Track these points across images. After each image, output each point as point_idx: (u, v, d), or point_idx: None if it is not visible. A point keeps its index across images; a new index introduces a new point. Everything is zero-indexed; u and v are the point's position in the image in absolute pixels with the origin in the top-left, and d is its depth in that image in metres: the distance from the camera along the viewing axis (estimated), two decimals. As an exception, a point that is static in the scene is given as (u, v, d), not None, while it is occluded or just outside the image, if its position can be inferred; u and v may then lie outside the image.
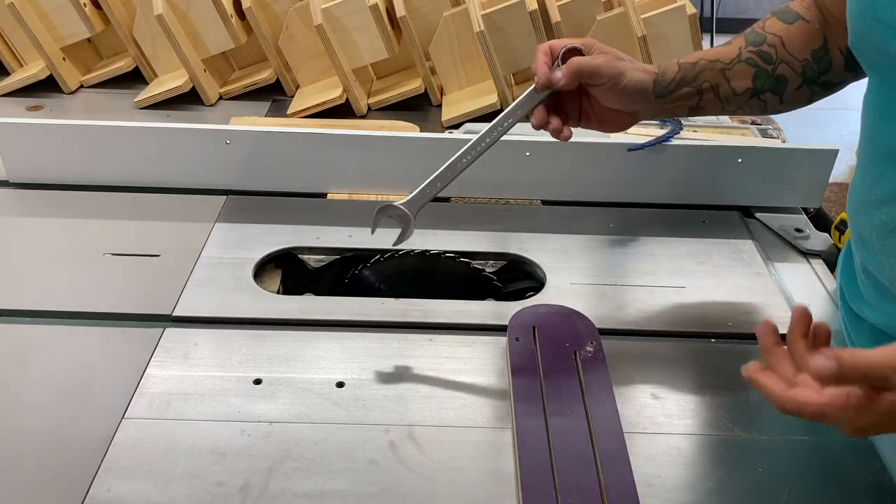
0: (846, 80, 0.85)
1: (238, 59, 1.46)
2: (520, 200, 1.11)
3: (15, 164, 1.09)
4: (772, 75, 0.84)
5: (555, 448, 0.69)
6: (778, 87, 0.85)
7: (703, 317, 0.89)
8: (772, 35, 0.84)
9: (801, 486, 0.68)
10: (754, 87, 0.85)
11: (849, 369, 0.51)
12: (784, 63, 0.84)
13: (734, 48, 0.85)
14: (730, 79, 0.85)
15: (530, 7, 1.25)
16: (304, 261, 0.99)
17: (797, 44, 0.83)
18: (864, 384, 0.51)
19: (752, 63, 0.84)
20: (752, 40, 0.85)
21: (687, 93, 0.85)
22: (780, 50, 0.84)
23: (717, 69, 0.85)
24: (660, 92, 0.84)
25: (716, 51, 0.86)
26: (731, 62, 0.85)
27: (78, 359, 0.80)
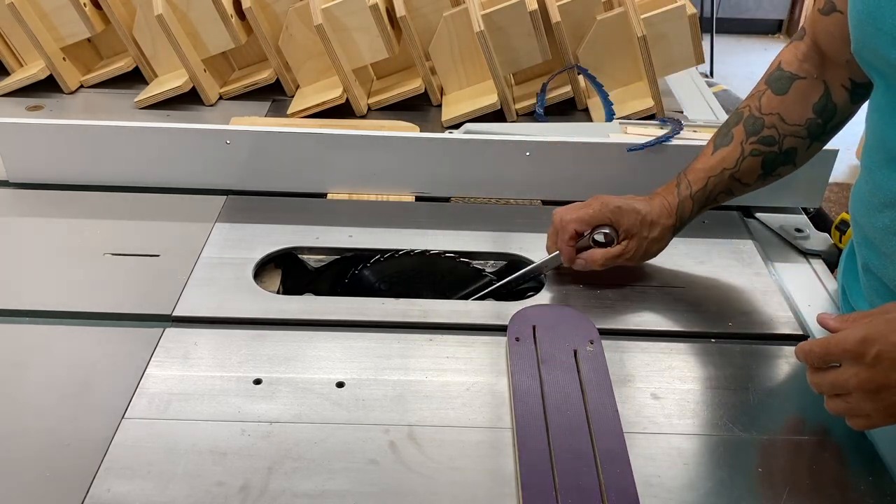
0: (853, 111, 0.86)
1: (238, 59, 1.46)
2: (520, 200, 1.11)
3: (15, 164, 1.09)
4: (780, 153, 0.86)
5: (555, 448, 0.69)
6: (788, 159, 0.87)
7: (703, 317, 0.89)
8: (769, 115, 0.85)
9: (801, 486, 0.68)
10: (764, 171, 0.87)
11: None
12: (789, 136, 0.85)
13: (736, 146, 0.86)
14: (740, 178, 0.88)
15: (530, 7, 1.25)
16: (304, 261, 0.99)
17: (797, 111, 0.84)
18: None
19: (758, 153, 0.86)
20: (751, 129, 0.86)
21: (703, 209, 0.91)
22: (780, 127, 0.85)
23: (726, 177, 0.88)
24: (681, 228, 0.91)
25: (719, 156, 0.87)
26: (737, 163, 0.87)
27: (78, 359, 0.80)
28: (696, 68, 1.44)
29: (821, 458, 0.71)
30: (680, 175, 0.91)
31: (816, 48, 0.83)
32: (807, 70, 0.84)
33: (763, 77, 0.88)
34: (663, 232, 0.89)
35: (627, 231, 0.88)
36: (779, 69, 0.86)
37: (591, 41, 1.30)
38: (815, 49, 0.83)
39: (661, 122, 1.20)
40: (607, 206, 0.88)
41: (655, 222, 0.88)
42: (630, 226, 0.88)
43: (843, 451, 0.72)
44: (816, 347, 0.65)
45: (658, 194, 0.91)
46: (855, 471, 0.70)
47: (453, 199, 1.11)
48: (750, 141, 0.86)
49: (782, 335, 0.87)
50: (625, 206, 0.88)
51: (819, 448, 0.72)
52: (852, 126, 0.87)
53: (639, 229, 0.88)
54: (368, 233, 1.02)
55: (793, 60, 0.85)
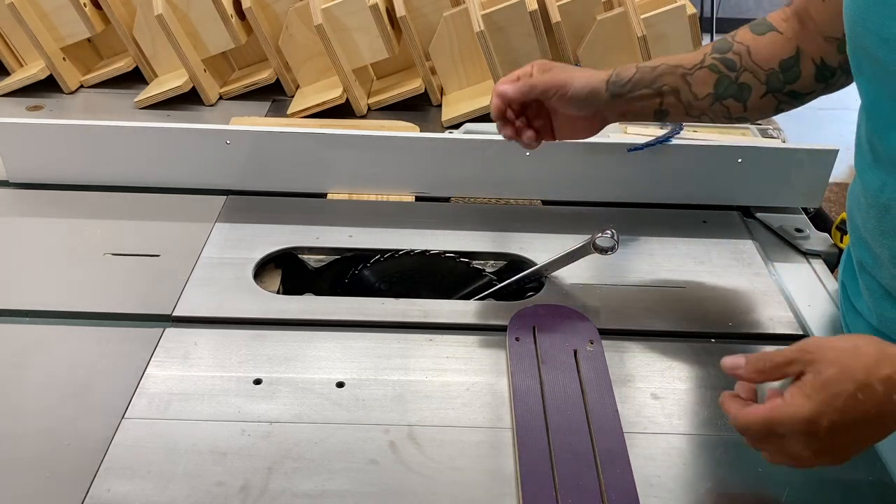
0: (815, 91, 0.85)
1: (238, 59, 1.46)
2: (520, 200, 1.11)
3: (15, 164, 1.09)
4: (734, 82, 0.85)
5: (555, 448, 0.69)
6: (741, 94, 0.86)
7: (703, 317, 0.89)
8: (739, 44, 0.85)
9: (801, 486, 0.68)
10: (716, 92, 0.86)
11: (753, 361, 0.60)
12: (748, 71, 0.84)
13: (699, 54, 0.86)
14: (691, 83, 0.86)
15: (530, 7, 1.25)
16: (304, 261, 0.99)
17: (764, 53, 0.84)
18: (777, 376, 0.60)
19: (715, 69, 0.85)
20: (719, 47, 0.86)
21: (646, 94, 0.86)
22: (745, 58, 0.84)
23: (678, 73, 0.86)
24: (615, 91, 0.85)
25: (679, 56, 0.87)
26: (693, 67, 0.85)
27: (78, 359, 0.80)
28: (696, 68, 1.44)
29: (821, 458, 0.71)
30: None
31: (799, 17, 0.83)
32: (785, 29, 0.84)
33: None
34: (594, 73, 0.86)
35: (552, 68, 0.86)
36: (762, 18, 0.86)
37: (591, 41, 1.30)
38: (797, 17, 0.84)
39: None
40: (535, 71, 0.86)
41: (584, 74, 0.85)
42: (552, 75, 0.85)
43: (843, 451, 0.72)
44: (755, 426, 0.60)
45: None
46: (855, 471, 0.70)
47: (453, 199, 1.11)
48: (713, 55, 0.85)
49: (782, 335, 0.87)
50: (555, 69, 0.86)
51: (819, 448, 0.72)
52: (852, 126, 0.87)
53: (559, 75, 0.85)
54: (368, 233, 1.02)
55: (776, 17, 0.86)
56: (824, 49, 0.82)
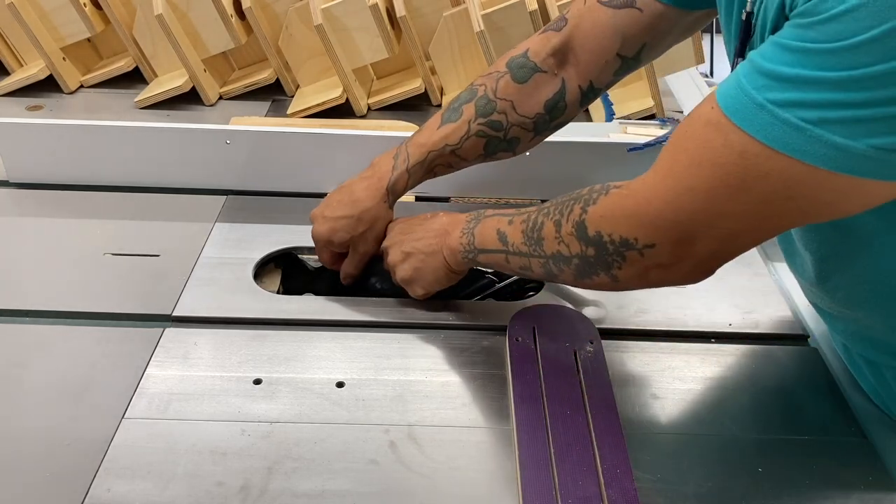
0: (578, 112, 0.88)
1: (238, 59, 1.46)
2: (520, 200, 1.11)
3: (15, 164, 1.09)
4: (504, 140, 0.87)
5: (555, 448, 0.69)
6: (510, 147, 0.88)
7: (703, 317, 0.89)
8: (503, 101, 0.85)
9: (801, 486, 0.68)
10: (486, 153, 0.88)
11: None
12: (516, 126, 0.86)
13: (462, 124, 0.86)
14: (461, 154, 0.88)
15: (530, 7, 1.25)
16: (304, 261, 0.99)
17: (530, 102, 0.85)
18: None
19: (483, 135, 0.86)
20: (482, 110, 0.86)
21: (420, 181, 0.90)
22: (511, 115, 0.85)
23: (447, 152, 0.88)
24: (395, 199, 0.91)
25: (444, 132, 0.87)
26: (460, 140, 0.87)
27: (78, 359, 0.80)
28: (696, 68, 1.44)
29: (821, 458, 0.71)
30: (403, 145, 0.91)
31: (570, 42, 0.83)
32: (549, 65, 0.84)
33: (505, 56, 0.87)
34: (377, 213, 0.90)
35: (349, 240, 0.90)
36: (524, 56, 0.85)
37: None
38: (567, 44, 0.83)
39: (661, 122, 1.20)
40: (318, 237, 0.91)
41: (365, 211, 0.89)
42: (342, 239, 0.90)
43: (843, 451, 0.72)
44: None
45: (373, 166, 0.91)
46: (855, 471, 0.70)
47: (453, 199, 1.11)
48: (478, 122, 0.86)
49: (782, 335, 0.87)
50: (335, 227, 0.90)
51: (819, 448, 0.72)
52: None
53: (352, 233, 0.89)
54: (368, 233, 1.01)
55: (541, 52, 0.84)
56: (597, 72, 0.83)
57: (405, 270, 0.86)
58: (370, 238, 0.90)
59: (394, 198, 0.91)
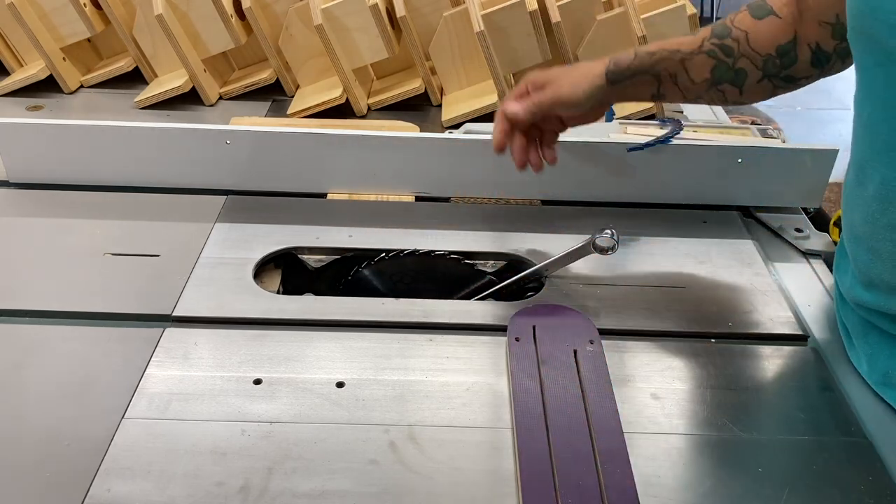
0: (811, 76, 0.86)
1: (238, 59, 1.46)
2: (520, 200, 1.11)
3: (15, 164, 1.09)
4: (731, 68, 0.86)
5: (555, 448, 0.69)
6: (737, 80, 0.87)
7: (703, 317, 0.89)
8: (738, 30, 0.85)
9: (801, 486, 0.68)
10: (713, 77, 0.87)
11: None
12: (745, 57, 0.85)
13: (698, 39, 0.87)
14: (689, 69, 0.87)
15: (530, 7, 1.25)
16: (304, 261, 0.99)
17: (762, 39, 0.85)
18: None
19: (713, 55, 0.86)
20: (718, 32, 0.86)
21: (644, 80, 0.88)
22: (742, 45, 0.85)
23: (676, 59, 0.87)
24: (614, 79, 0.88)
25: (678, 41, 0.88)
26: (691, 53, 0.87)
27: (78, 359, 0.80)
28: (696, 68, 1.44)
29: (821, 458, 0.71)
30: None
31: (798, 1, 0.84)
32: (784, 14, 0.84)
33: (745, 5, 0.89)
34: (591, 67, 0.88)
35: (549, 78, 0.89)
36: (761, 2, 0.86)
37: (591, 41, 1.30)
38: (796, 2, 0.84)
39: (661, 122, 1.20)
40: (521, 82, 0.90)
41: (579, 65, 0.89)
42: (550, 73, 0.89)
43: (843, 451, 0.72)
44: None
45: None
46: (855, 471, 0.70)
47: (453, 199, 1.11)
48: (712, 41, 0.86)
49: (782, 335, 0.87)
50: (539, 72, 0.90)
51: (819, 448, 0.72)
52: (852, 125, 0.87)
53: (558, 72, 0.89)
54: (368, 233, 1.02)
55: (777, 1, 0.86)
56: (819, 34, 0.82)
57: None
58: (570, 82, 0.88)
59: (614, 66, 0.88)
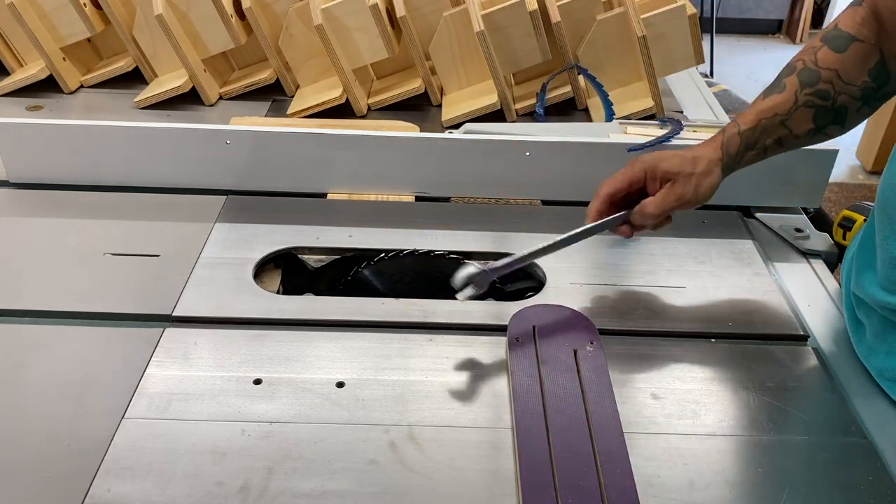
0: None
1: (238, 59, 1.46)
2: (520, 200, 1.11)
3: (15, 164, 1.09)
4: (832, 109, 0.84)
5: (555, 448, 0.69)
6: (839, 118, 0.85)
7: (703, 317, 0.89)
8: (826, 70, 0.83)
9: (801, 486, 0.68)
10: (816, 125, 0.85)
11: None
12: (843, 94, 0.84)
13: (790, 94, 0.84)
14: (791, 127, 0.85)
15: (530, 7, 1.25)
16: (304, 261, 0.99)
17: (854, 70, 0.83)
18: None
19: (811, 105, 0.84)
20: (807, 80, 0.84)
21: (752, 156, 0.87)
22: (837, 83, 0.83)
23: (776, 123, 0.85)
24: (729, 169, 0.87)
25: (771, 102, 0.85)
26: (789, 111, 0.85)
27: (78, 359, 0.80)
28: (696, 68, 1.44)
29: (821, 458, 0.71)
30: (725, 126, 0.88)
31: (875, 16, 0.82)
32: (865, 35, 0.82)
33: (816, 37, 0.86)
34: (710, 165, 0.86)
35: (669, 172, 0.85)
36: (836, 29, 0.84)
37: (591, 41, 1.30)
38: (873, 16, 0.82)
39: (661, 122, 1.20)
40: (642, 162, 0.86)
41: (699, 157, 0.85)
42: (671, 166, 0.85)
43: (843, 451, 0.72)
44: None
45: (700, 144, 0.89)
46: (855, 471, 0.70)
47: (453, 199, 1.11)
48: (805, 91, 0.84)
49: (782, 335, 0.87)
50: (662, 155, 0.86)
51: (819, 448, 0.72)
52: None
53: (681, 167, 0.84)
54: (368, 233, 1.02)
55: (851, 23, 0.84)
56: None
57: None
58: (695, 184, 0.85)
59: (727, 158, 0.86)
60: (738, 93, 1.54)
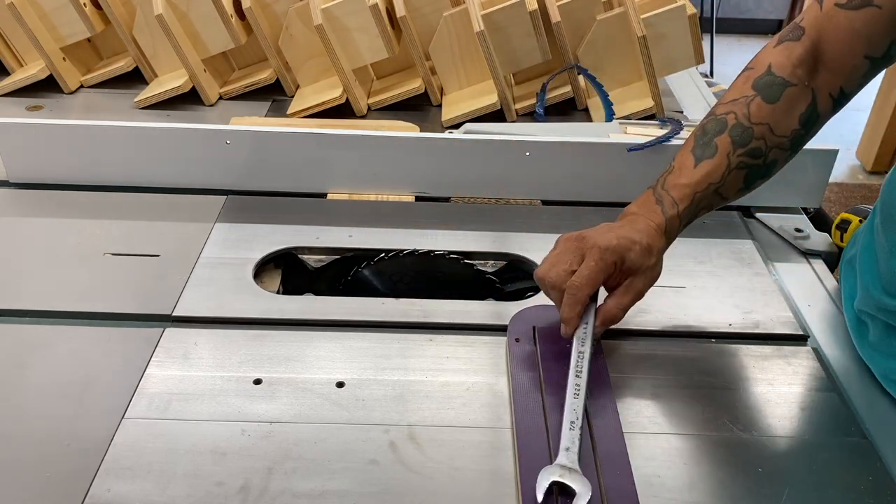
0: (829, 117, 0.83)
1: (238, 59, 1.46)
2: (520, 200, 1.11)
3: (15, 164, 1.09)
4: (763, 165, 0.82)
5: (554, 448, 0.69)
6: (768, 172, 0.84)
7: (703, 317, 0.89)
8: (758, 125, 0.80)
9: (801, 486, 0.68)
10: (746, 184, 0.83)
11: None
12: (775, 148, 0.81)
13: (722, 159, 0.80)
14: (723, 193, 0.82)
15: (530, 7, 1.25)
16: (304, 261, 0.99)
17: (785, 120, 0.80)
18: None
19: (744, 166, 0.81)
20: (739, 139, 0.80)
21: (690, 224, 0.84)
22: (769, 138, 0.80)
23: (711, 192, 0.81)
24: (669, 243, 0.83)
25: (704, 170, 0.81)
26: (722, 178, 0.81)
27: (78, 359, 0.80)
28: (696, 68, 1.44)
29: (821, 458, 0.71)
30: (658, 190, 0.83)
31: (814, 51, 0.80)
32: (799, 76, 0.80)
33: (746, 79, 0.83)
34: (659, 254, 0.82)
35: (632, 267, 0.79)
36: (769, 73, 0.81)
37: (591, 41, 1.30)
38: (812, 52, 0.80)
39: (661, 122, 1.20)
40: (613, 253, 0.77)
41: (651, 247, 0.79)
42: (634, 261, 0.78)
43: (843, 451, 0.72)
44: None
45: (637, 215, 0.82)
46: (855, 471, 0.70)
47: (453, 199, 1.11)
48: (737, 153, 0.80)
49: (782, 335, 0.87)
50: (623, 244, 0.78)
51: (819, 448, 0.72)
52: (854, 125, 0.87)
53: (641, 261, 0.78)
54: (368, 233, 1.02)
55: (786, 64, 0.80)
56: (845, 78, 0.79)
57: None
58: (650, 280, 0.80)
59: (668, 242, 0.82)
60: (738, 93, 1.54)
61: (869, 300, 0.81)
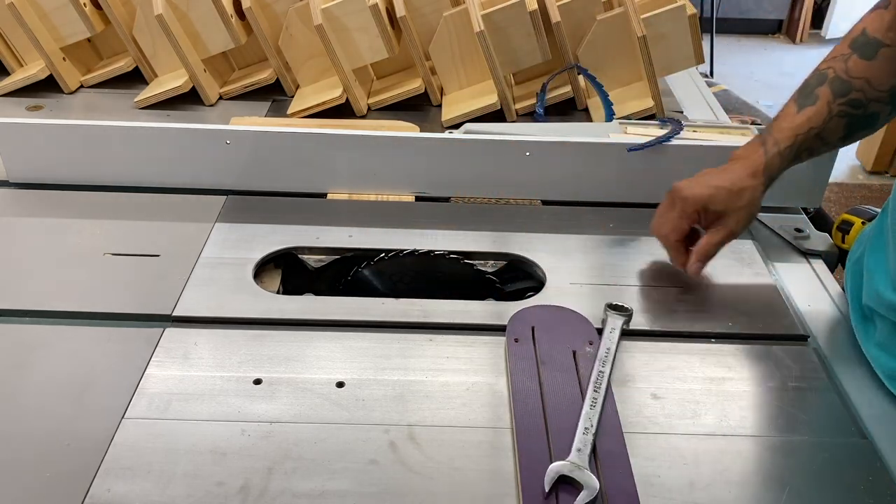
0: None
1: (238, 59, 1.46)
2: (520, 200, 1.12)
3: (15, 164, 1.09)
4: (864, 116, 0.86)
5: (555, 448, 0.69)
6: (871, 123, 0.87)
7: (703, 317, 0.89)
8: (857, 79, 0.85)
9: (801, 486, 0.68)
10: (846, 133, 0.87)
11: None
12: (874, 101, 0.85)
13: (822, 106, 0.86)
14: (825, 137, 0.87)
15: (530, 7, 1.25)
16: (304, 261, 0.99)
17: (883, 76, 0.84)
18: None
19: (844, 115, 0.86)
20: (839, 90, 0.85)
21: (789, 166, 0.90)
22: (868, 91, 0.85)
23: (812, 136, 0.87)
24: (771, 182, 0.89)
25: (805, 115, 0.87)
26: (823, 123, 0.86)
27: (78, 359, 0.80)
28: (696, 68, 1.44)
29: (821, 458, 0.71)
30: (763, 135, 0.90)
31: None
32: (892, 38, 0.84)
33: (844, 41, 0.88)
34: (754, 194, 0.88)
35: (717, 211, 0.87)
36: (863, 34, 0.86)
37: (591, 41, 1.30)
38: None
39: (661, 122, 1.20)
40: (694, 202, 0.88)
41: (744, 188, 0.87)
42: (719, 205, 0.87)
43: (843, 451, 0.72)
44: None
45: (737, 159, 0.90)
46: (855, 471, 0.70)
47: (453, 199, 1.11)
48: (838, 102, 0.85)
49: (782, 335, 0.87)
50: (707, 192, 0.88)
51: (819, 448, 0.72)
52: (852, 126, 0.86)
53: (727, 203, 0.87)
54: (368, 233, 1.02)
55: (879, 27, 0.85)
56: None
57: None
58: (743, 218, 0.88)
59: (769, 181, 0.89)
60: (738, 93, 1.54)
61: (877, 299, 0.82)
